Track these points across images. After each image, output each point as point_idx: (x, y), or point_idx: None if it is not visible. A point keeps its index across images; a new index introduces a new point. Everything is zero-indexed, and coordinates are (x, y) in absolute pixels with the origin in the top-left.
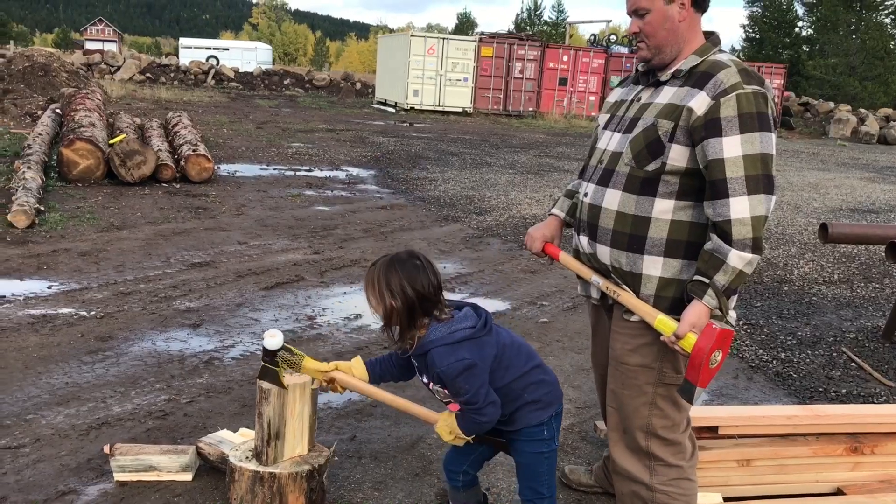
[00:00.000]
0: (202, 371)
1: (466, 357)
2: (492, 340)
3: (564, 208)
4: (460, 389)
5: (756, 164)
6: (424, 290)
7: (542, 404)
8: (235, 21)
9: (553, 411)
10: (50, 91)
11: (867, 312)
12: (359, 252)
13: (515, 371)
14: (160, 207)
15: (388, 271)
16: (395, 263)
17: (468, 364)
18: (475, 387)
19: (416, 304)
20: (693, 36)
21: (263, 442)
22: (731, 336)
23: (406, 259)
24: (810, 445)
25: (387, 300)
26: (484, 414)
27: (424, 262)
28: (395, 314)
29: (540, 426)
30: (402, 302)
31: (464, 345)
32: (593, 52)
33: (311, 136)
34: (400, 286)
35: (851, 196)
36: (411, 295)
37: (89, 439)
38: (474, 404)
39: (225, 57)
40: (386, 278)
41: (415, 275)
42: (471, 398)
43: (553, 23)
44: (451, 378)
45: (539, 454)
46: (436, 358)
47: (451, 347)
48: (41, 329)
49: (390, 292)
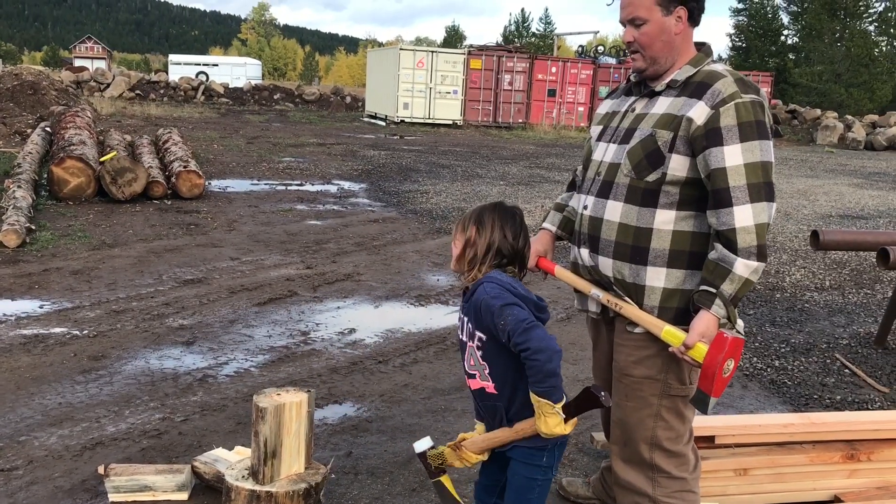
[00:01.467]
0: (196, 389)
1: (516, 300)
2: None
3: (556, 222)
4: (506, 321)
5: (757, 172)
6: (509, 240)
7: None
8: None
9: (557, 440)
10: (39, 109)
11: (859, 318)
12: (351, 266)
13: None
14: (152, 224)
15: (486, 209)
16: (498, 208)
17: (515, 302)
18: (519, 315)
19: (494, 248)
20: (686, 47)
21: (260, 461)
22: (742, 344)
23: (509, 209)
24: (807, 453)
25: (471, 231)
26: (532, 337)
27: (520, 222)
28: (471, 246)
29: (540, 450)
30: (484, 238)
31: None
32: (581, 64)
33: (301, 150)
34: (490, 224)
35: (840, 202)
36: (494, 236)
37: (83, 460)
38: (519, 330)
39: (214, 73)
40: (480, 212)
41: (509, 224)
42: (515, 325)
43: (541, 35)
44: (496, 308)
45: (532, 479)
46: (487, 287)
47: (503, 289)
48: (33, 349)
49: (479, 225)
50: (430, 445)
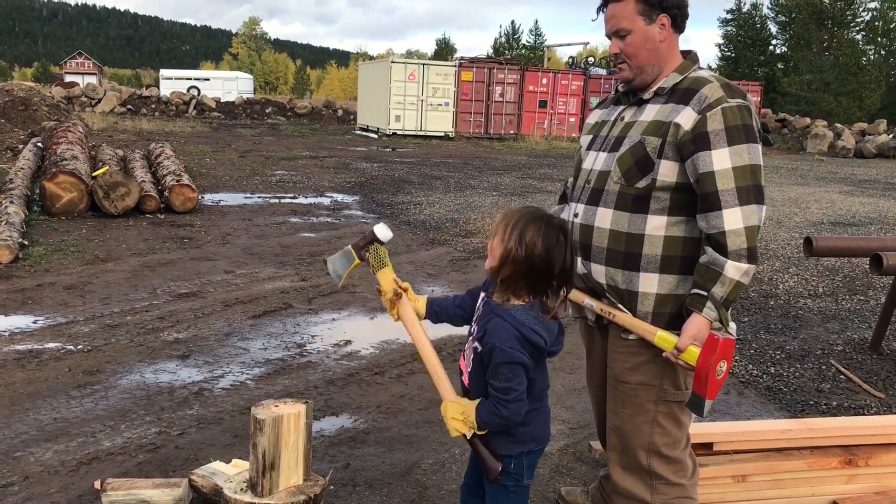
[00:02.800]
0: (192, 402)
1: (525, 357)
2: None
3: None
4: (500, 376)
5: (746, 175)
6: (551, 262)
7: (514, 439)
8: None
9: (524, 449)
10: (31, 125)
11: (853, 325)
12: (346, 278)
13: None
14: (145, 239)
15: (531, 222)
16: (543, 221)
17: (523, 361)
18: (515, 381)
19: (534, 270)
20: (672, 55)
21: (258, 473)
22: (733, 345)
23: (557, 226)
24: (805, 459)
25: (511, 243)
26: (508, 407)
27: (568, 241)
28: (510, 264)
29: (507, 458)
30: (524, 256)
31: (528, 346)
32: (572, 75)
33: (294, 163)
34: (532, 241)
35: (832, 210)
36: (538, 255)
37: (79, 475)
38: (506, 394)
39: (206, 87)
40: (525, 226)
41: (553, 243)
42: (506, 388)
43: (531, 46)
44: (500, 360)
45: (503, 487)
46: (502, 332)
47: (521, 338)
48: (28, 364)
49: (520, 240)
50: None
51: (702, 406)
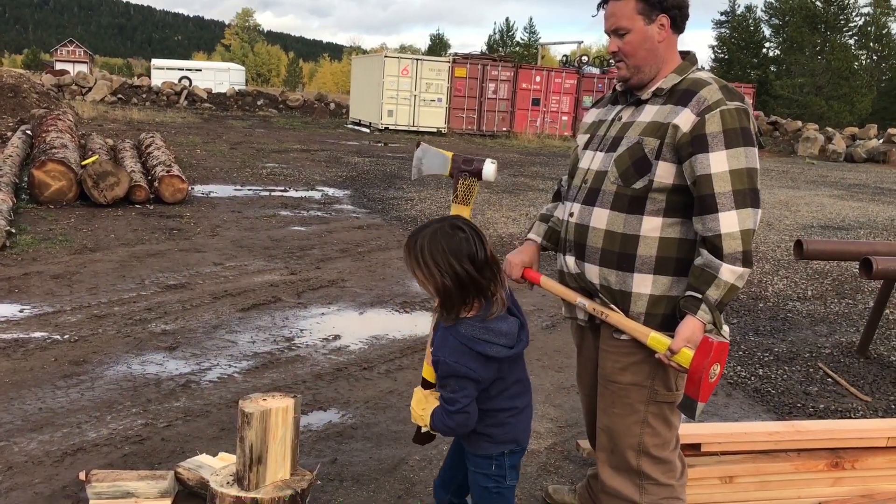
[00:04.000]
0: (179, 395)
1: (472, 368)
2: (502, 368)
3: (541, 233)
4: (447, 387)
5: (742, 178)
6: (470, 267)
7: (493, 440)
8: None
9: (503, 450)
10: (20, 112)
11: (841, 328)
12: (336, 272)
13: (489, 403)
14: (134, 229)
15: (426, 246)
16: (438, 236)
17: (466, 374)
18: (460, 393)
19: (464, 282)
20: (671, 55)
21: (245, 466)
22: (727, 348)
23: (448, 229)
24: (792, 461)
25: (437, 278)
26: (453, 419)
27: (470, 232)
28: (445, 294)
29: (488, 459)
30: (451, 280)
31: (478, 357)
32: (565, 73)
33: (285, 156)
34: (447, 262)
35: (822, 213)
36: (459, 270)
37: (64, 466)
38: (451, 406)
39: (198, 78)
40: (431, 254)
41: (460, 248)
42: (451, 398)
43: (525, 44)
44: (445, 374)
45: (486, 489)
46: (448, 345)
47: (465, 349)
48: (13, 354)
49: (439, 270)
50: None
51: (694, 409)
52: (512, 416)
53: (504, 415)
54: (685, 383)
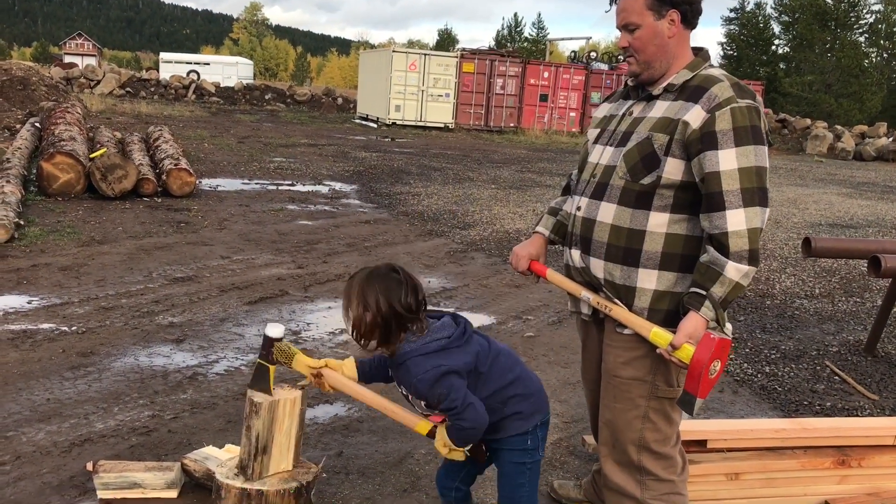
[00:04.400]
0: (186, 387)
1: (442, 364)
2: (470, 349)
3: (549, 226)
4: (439, 396)
5: (751, 176)
6: (402, 307)
7: (523, 415)
8: (216, 36)
9: (537, 420)
10: (29, 105)
11: (849, 326)
12: (342, 266)
13: (493, 384)
14: (142, 222)
15: (366, 285)
16: (373, 277)
17: (444, 370)
18: (452, 391)
19: (392, 321)
20: (682, 51)
21: (250, 456)
22: (729, 345)
23: (385, 273)
24: (798, 459)
25: (361, 313)
26: (465, 419)
27: (404, 276)
28: (369, 328)
29: (523, 435)
30: (376, 317)
31: (440, 354)
32: (574, 69)
33: (292, 150)
34: (376, 301)
35: (830, 211)
36: (386, 311)
37: (71, 456)
38: (454, 409)
39: (206, 72)
40: (362, 292)
41: (393, 290)
42: (449, 403)
43: (533, 39)
44: (428, 386)
45: (521, 464)
46: (412, 367)
47: (426, 357)
48: (21, 345)
49: (364, 306)
50: (281, 336)
51: (692, 404)
52: (526, 385)
53: (516, 387)
54: (685, 379)
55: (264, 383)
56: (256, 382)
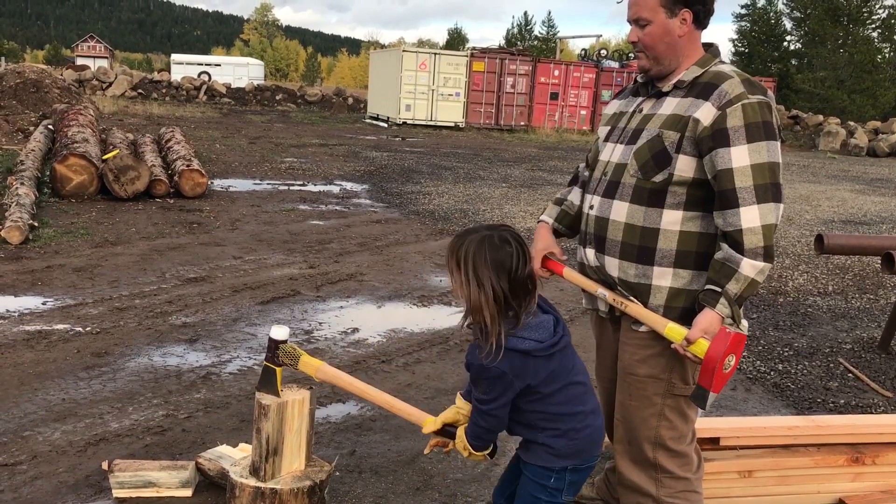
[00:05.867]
0: (199, 386)
1: (504, 368)
2: (550, 365)
3: (553, 214)
4: (479, 387)
5: (764, 172)
6: (518, 280)
7: (554, 451)
8: (227, 37)
9: (568, 464)
10: (42, 107)
11: (862, 323)
12: (354, 266)
13: (545, 407)
14: (154, 222)
15: (479, 259)
16: (485, 247)
17: (500, 373)
18: (492, 394)
19: (507, 298)
20: (693, 49)
21: (261, 457)
22: (744, 341)
23: (498, 242)
24: (811, 456)
25: (472, 291)
26: (485, 419)
27: (516, 247)
28: (478, 310)
29: (548, 471)
30: (490, 295)
31: (513, 355)
32: (584, 67)
33: (303, 150)
34: (485, 275)
35: (843, 208)
36: (496, 287)
37: (87, 456)
38: (482, 405)
39: (217, 73)
40: (475, 265)
41: (507, 263)
42: (483, 399)
43: (544, 38)
44: (476, 375)
45: (537, 498)
46: (472, 348)
47: (504, 350)
48: (36, 345)
49: (478, 283)
50: (285, 338)
51: (705, 399)
52: (577, 424)
53: (566, 422)
54: (699, 373)
55: (272, 385)
56: (264, 385)
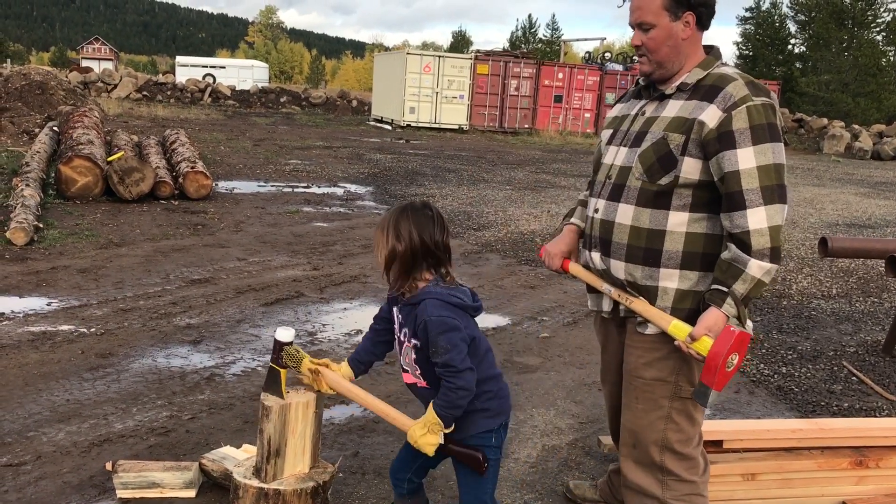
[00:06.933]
0: (203, 387)
1: (456, 319)
2: (475, 328)
3: (580, 216)
4: (440, 347)
5: (770, 174)
6: (430, 241)
7: (491, 413)
8: (231, 39)
9: (502, 421)
10: (47, 109)
11: (866, 327)
12: (358, 268)
13: (479, 371)
14: (159, 224)
15: (399, 216)
16: (407, 210)
17: (455, 325)
18: (455, 349)
19: (419, 253)
20: (694, 51)
21: (263, 459)
22: (748, 340)
23: (420, 208)
24: (815, 459)
25: (391, 242)
26: (462, 377)
27: (436, 215)
28: (397, 258)
29: (489, 433)
30: (405, 247)
31: (457, 310)
32: (588, 70)
33: (308, 153)
34: (408, 231)
35: (847, 211)
36: (416, 242)
37: (91, 456)
38: (452, 368)
39: (221, 75)
40: (395, 222)
41: (424, 224)
42: (449, 359)
43: (548, 41)
44: (436, 331)
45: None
46: (428, 307)
47: (446, 305)
48: (41, 346)
49: (396, 236)
50: (290, 340)
51: (707, 396)
52: (501, 384)
53: (493, 384)
54: (701, 370)
55: (276, 386)
56: (269, 386)
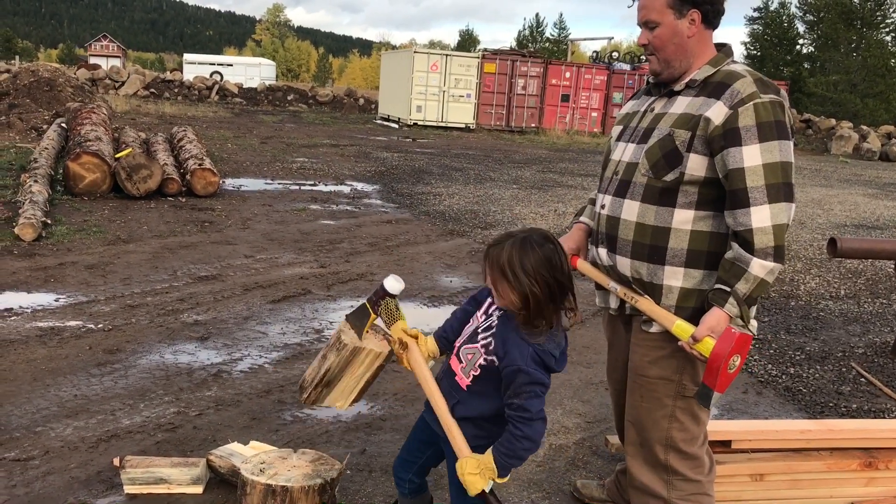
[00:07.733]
0: (210, 384)
1: (547, 378)
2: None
3: (589, 214)
4: (523, 394)
5: (776, 172)
6: (562, 275)
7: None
8: (239, 37)
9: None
10: (55, 106)
11: (875, 328)
12: (365, 266)
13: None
14: (166, 221)
15: (522, 252)
16: (529, 244)
17: (544, 381)
18: (538, 397)
19: (553, 292)
20: (703, 49)
21: (312, 383)
22: (749, 341)
23: (541, 242)
24: (824, 460)
25: (524, 285)
26: (532, 426)
27: (558, 246)
28: (534, 304)
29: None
30: (541, 287)
31: (546, 370)
32: (595, 69)
33: (314, 151)
34: (537, 270)
35: (855, 212)
36: (548, 279)
37: (99, 452)
38: (528, 412)
39: (228, 73)
40: (520, 259)
41: (550, 257)
42: (528, 404)
43: (555, 40)
44: (526, 382)
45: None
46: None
47: (540, 361)
48: (49, 341)
49: (527, 275)
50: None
51: (709, 398)
52: None
53: None
54: (704, 372)
55: (360, 325)
56: (354, 319)
